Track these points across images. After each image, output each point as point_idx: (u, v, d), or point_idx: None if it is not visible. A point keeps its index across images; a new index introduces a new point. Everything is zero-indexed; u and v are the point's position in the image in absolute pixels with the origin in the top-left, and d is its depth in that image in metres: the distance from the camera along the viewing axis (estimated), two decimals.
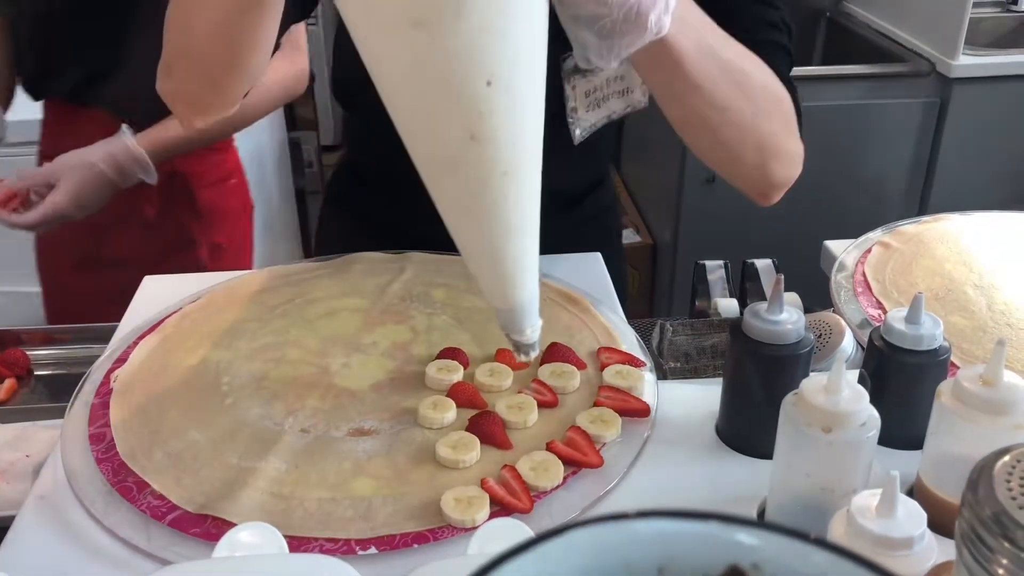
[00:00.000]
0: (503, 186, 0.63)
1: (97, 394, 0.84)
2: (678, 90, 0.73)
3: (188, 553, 0.66)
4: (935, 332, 0.72)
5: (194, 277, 1.04)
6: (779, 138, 0.82)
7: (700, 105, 0.74)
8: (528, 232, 0.67)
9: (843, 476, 0.62)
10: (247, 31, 0.78)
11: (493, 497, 0.69)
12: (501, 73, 0.59)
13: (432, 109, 0.61)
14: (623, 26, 0.64)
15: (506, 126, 0.61)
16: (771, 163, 0.82)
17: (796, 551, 0.27)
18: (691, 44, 0.70)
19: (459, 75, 0.58)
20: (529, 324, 0.71)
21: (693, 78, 0.72)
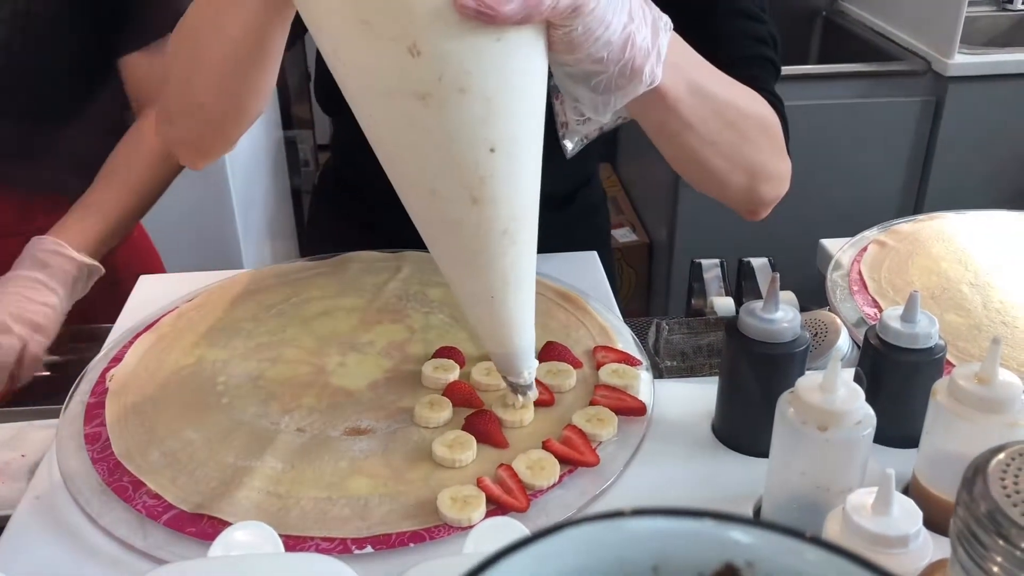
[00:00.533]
0: (502, 244, 0.65)
1: (93, 393, 0.83)
2: (670, 130, 0.75)
3: (184, 553, 0.66)
4: (931, 330, 0.72)
5: (190, 276, 1.04)
6: (768, 164, 0.84)
7: (691, 142, 0.76)
8: (525, 284, 0.69)
9: (839, 474, 0.62)
10: (250, 82, 0.79)
11: (489, 496, 0.69)
12: (503, 141, 0.61)
13: (433, 176, 0.62)
14: (618, 81, 0.65)
15: (507, 188, 0.63)
16: (759, 186, 0.84)
17: (790, 549, 0.27)
18: (683, 87, 0.72)
19: (461, 144, 0.60)
20: (526, 367, 0.74)
21: (685, 119, 0.73)
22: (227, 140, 0.88)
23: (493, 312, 0.69)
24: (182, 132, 0.87)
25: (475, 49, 0.57)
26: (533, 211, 0.66)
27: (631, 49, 0.64)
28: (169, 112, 0.86)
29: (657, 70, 0.67)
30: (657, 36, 0.66)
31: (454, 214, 0.63)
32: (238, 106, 0.82)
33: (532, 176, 0.65)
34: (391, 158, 0.64)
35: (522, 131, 0.62)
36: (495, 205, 0.62)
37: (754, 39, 0.90)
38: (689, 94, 0.72)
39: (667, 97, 0.71)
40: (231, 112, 0.83)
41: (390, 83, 0.58)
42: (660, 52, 0.66)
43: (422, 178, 0.63)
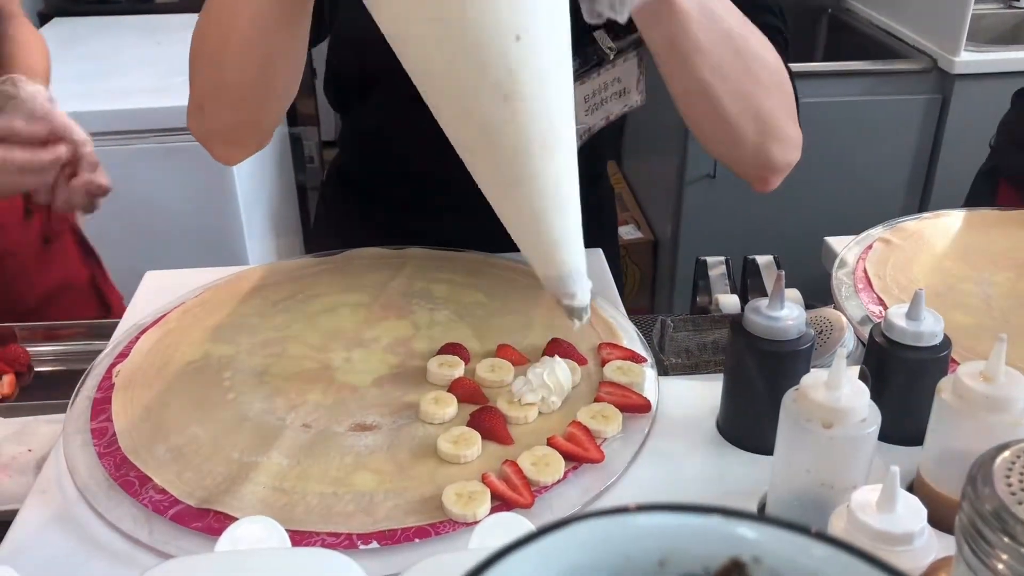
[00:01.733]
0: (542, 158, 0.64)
1: (99, 389, 0.84)
2: (680, 50, 0.75)
3: (190, 547, 0.66)
4: (936, 328, 0.72)
5: (195, 272, 1.04)
6: (778, 118, 0.83)
7: (702, 69, 0.76)
8: (571, 199, 0.68)
9: (843, 472, 0.62)
10: (277, 58, 0.80)
11: (494, 492, 0.70)
12: (530, 28, 0.60)
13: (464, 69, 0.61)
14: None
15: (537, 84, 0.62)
16: (771, 144, 0.83)
17: (796, 544, 0.27)
18: (696, 5, 0.72)
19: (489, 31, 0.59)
20: (580, 288, 0.71)
21: (695, 39, 0.73)
22: (259, 128, 0.88)
23: (540, 230, 0.67)
24: (214, 120, 0.86)
25: None
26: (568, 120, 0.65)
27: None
28: (200, 101, 0.86)
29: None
30: None
31: (487, 116, 0.62)
32: (268, 82, 0.82)
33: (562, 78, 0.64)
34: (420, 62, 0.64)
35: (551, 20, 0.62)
36: (527, 102, 0.61)
37: (758, 7, 0.89)
38: (701, 14, 0.73)
39: (677, 8, 0.71)
40: (262, 88, 0.82)
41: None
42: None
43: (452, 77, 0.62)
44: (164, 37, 2.15)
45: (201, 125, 0.87)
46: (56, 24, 2.32)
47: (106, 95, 1.81)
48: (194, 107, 0.87)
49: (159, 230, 1.85)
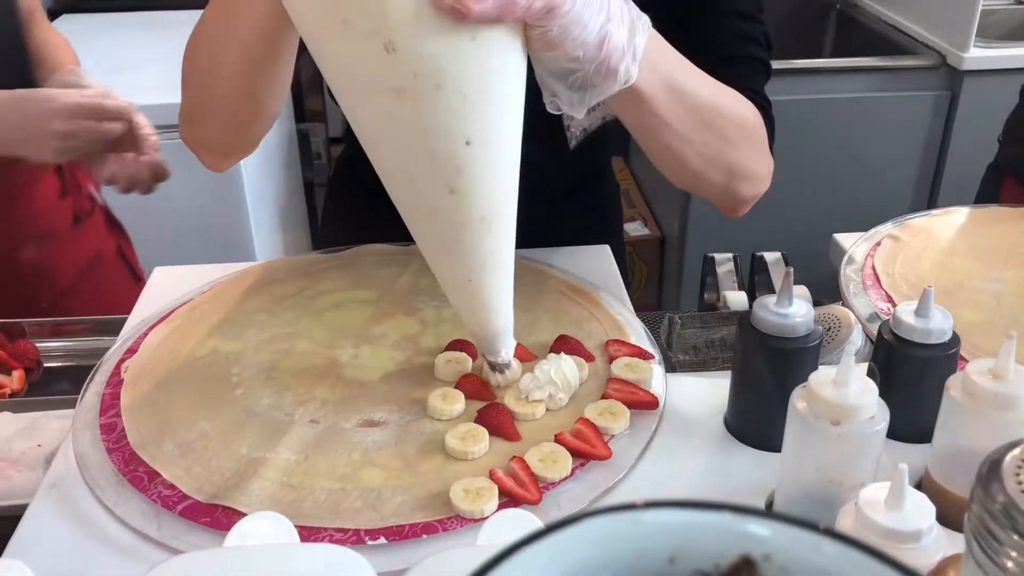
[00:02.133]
0: (479, 231, 0.68)
1: (108, 384, 0.84)
2: (647, 126, 0.77)
3: (198, 542, 0.67)
4: (944, 326, 0.72)
5: (203, 268, 1.04)
6: (746, 163, 0.85)
7: (668, 139, 0.78)
8: (503, 268, 0.72)
9: (851, 469, 0.62)
10: (265, 81, 0.82)
11: (502, 488, 0.70)
12: (479, 133, 0.63)
13: (412, 166, 0.65)
14: (594, 79, 0.67)
15: (483, 179, 0.65)
16: (737, 185, 0.85)
17: (807, 541, 0.27)
18: (659, 86, 0.73)
19: (438, 137, 0.63)
20: (504, 346, 0.78)
21: (661, 116, 0.75)
22: (247, 140, 0.91)
23: (472, 295, 0.73)
24: (204, 133, 0.89)
25: (450, 47, 0.60)
26: (510, 201, 0.69)
27: (607, 48, 0.65)
28: (190, 114, 0.88)
29: (632, 69, 0.68)
30: (634, 35, 0.68)
31: (433, 202, 0.66)
32: (255, 105, 0.84)
33: (509, 168, 0.67)
34: (373, 150, 0.67)
35: (498, 126, 0.64)
36: (471, 195, 0.65)
37: (745, 39, 0.90)
38: (666, 92, 0.74)
39: (643, 95, 0.72)
40: (249, 111, 0.85)
41: (368, 79, 0.61)
42: (636, 51, 0.68)
43: (402, 169, 0.66)
44: (172, 33, 2.15)
45: (190, 134, 0.90)
46: (65, 20, 2.33)
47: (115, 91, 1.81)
48: (184, 116, 0.89)
49: (167, 226, 1.85)
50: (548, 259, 1.03)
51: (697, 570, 0.28)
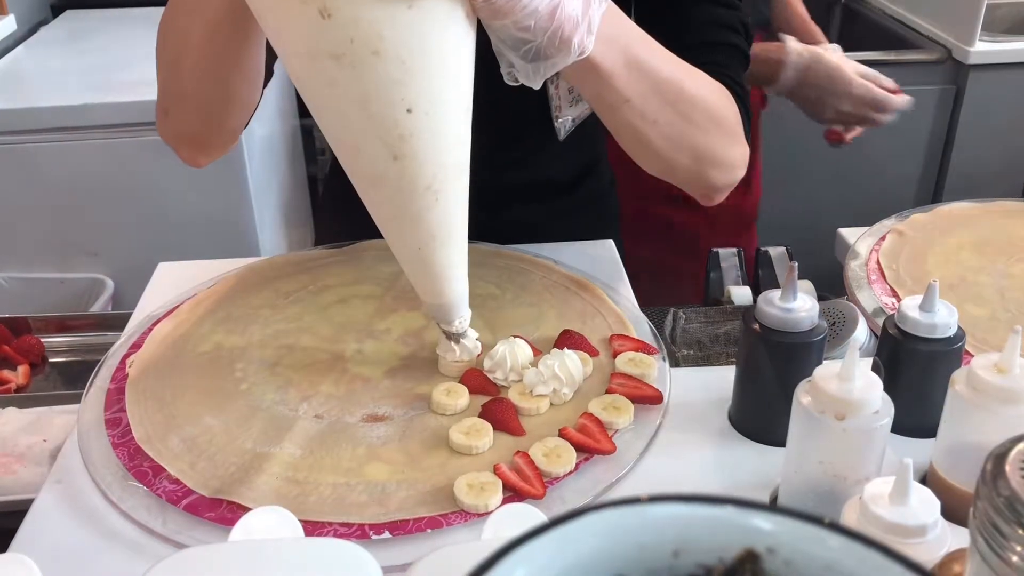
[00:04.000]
0: (426, 199, 0.68)
1: (113, 379, 0.84)
2: (607, 102, 0.75)
3: (203, 537, 0.67)
4: (949, 320, 0.72)
5: (208, 263, 1.04)
6: (715, 148, 0.82)
7: (630, 117, 0.76)
8: (454, 238, 0.72)
9: (856, 464, 0.62)
10: (235, 65, 0.80)
11: (506, 483, 0.70)
12: (421, 101, 0.63)
13: (355, 133, 0.65)
14: (547, 50, 0.66)
15: (428, 146, 0.65)
16: (707, 171, 0.83)
17: (811, 535, 0.27)
18: (618, 60, 0.71)
19: (378, 104, 0.62)
20: (458, 316, 0.78)
21: (621, 92, 0.73)
22: (224, 132, 0.88)
23: (423, 264, 0.73)
24: (179, 124, 0.87)
25: (385, 13, 0.59)
26: (458, 171, 0.69)
27: (559, 18, 0.64)
28: (164, 105, 0.86)
29: (587, 41, 0.67)
30: (589, 6, 0.66)
31: (377, 170, 0.66)
32: (227, 92, 0.82)
33: (455, 138, 0.67)
34: (318, 116, 0.67)
35: (441, 94, 0.64)
36: (416, 162, 0.65)
37: (721, 25, 0.88)
38: (626, 68, 0.72)
39: (600, 69, 0.71)
40: (221, 98, 0.83)
41: (306, 44, 0.61)
42: (592, 23, 0.67)
43: (346, 135, 0.66)
44: None
45: (167, 128, 0.88)
46: (69, 16, 2.33)
47: (119, 87, 1.82)
48: (160, 110, 0.87)
49: (171, 222, 1.85)
50: (552, 254, 1.03)
51: (701, 563, 0.28)
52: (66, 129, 1.77)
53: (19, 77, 1.97)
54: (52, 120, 1.76)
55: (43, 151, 1.79)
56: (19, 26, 2.15)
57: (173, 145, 0.90)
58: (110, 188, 1.81)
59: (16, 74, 1.98)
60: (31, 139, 1.78)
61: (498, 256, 1.03)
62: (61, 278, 1.90)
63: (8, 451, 0.85)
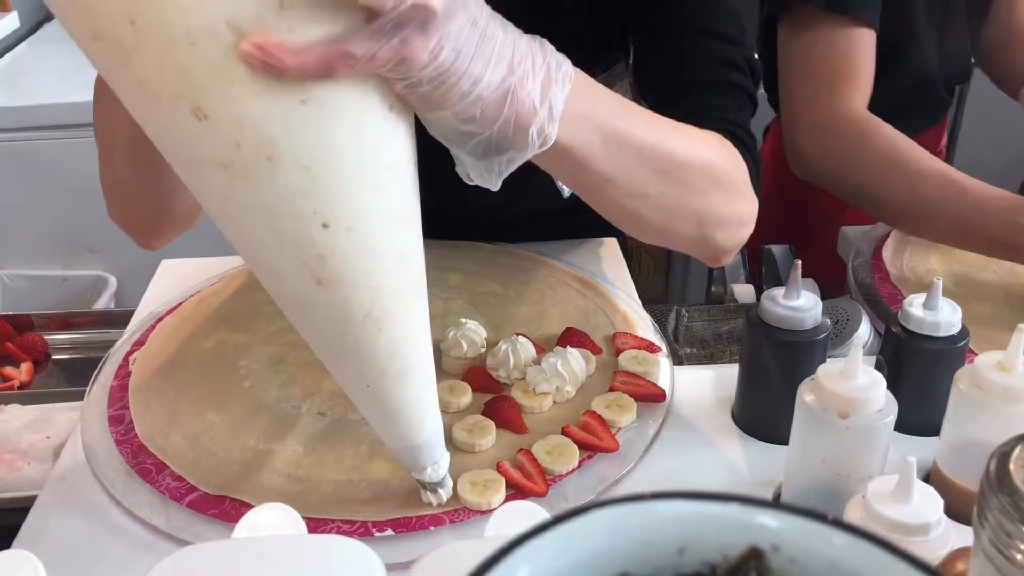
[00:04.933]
0: (366, 331, 0.56)
1: (116, 376, 0.84)
2: (588, 184, 0.65)
3: (206, 534, 0.67)
4: (953, 318, 0.72)
5: (211, 261, 1.04)
6: (718, 209, 0.72)
7: (617, 196, 0.66)
8: (411, 372, 0.60)
9: (859, 462, 0.62)
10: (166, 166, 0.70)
11: (509, 480, 0.70)
12: (339, 215, 0.51)
13: (268, 252, 0.53)
14: (499, 144, 0.56)
15: (357, 267, 0.53)
16: (712, 233, 0.73)
17: (816, 532, 0.27)
18: (594, 138, 0.61)
19: (285, 219, 0.51)
20: (430, 462, 0.65)
21: (602, 172, 0.63)
22: (171, 218, 0.80)
23: (374, 403, 0.61)
24: (123, 213, 0.80)
25: (274, 111, 0.48)
26: (406, 292, 0.57)
27: (511, 106, 0.54)
28: (106, 193, 0.80)
29: (549, 129, 0.57)
30: (549, 87, 0.56)
31: (301, 296, 0.55)
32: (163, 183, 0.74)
33: (394, 254, 0.55)
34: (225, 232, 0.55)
35: (366, 205, 0.52)
36: (345, 287, 0.53)
37: (721, 62, 0.79)
38: (605, 145, 0.62)
39: (574, 152, 0.60)
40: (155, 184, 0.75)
41: (188, 151, 0.50)
42: (552, 108, 0.56)
43: (257, 254, 0.54)
44: None
45: (115, 213, 0.81)
46: None
47: None
48: (106, 197, 0.80)
49: None
50: (555, 252, 1.03)
51: (705, 561, 0.28)
52: (69, 126, 1.77)
53: (22, 74, 1.97)
54: (55, 117, 1.76)
55: (46, 148, 1.79)
56: (22, 23, 2.15)
57: (124, 229, 0.83)
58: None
59: (19, 71, 1.98)
60: (34, 136, 1.78)
61: (501, 254, 1.03)
62: (64, 275, 1.90)
63: (11, 448, 0.85)
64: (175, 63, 0.46)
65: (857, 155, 0.98)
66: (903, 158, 0.96)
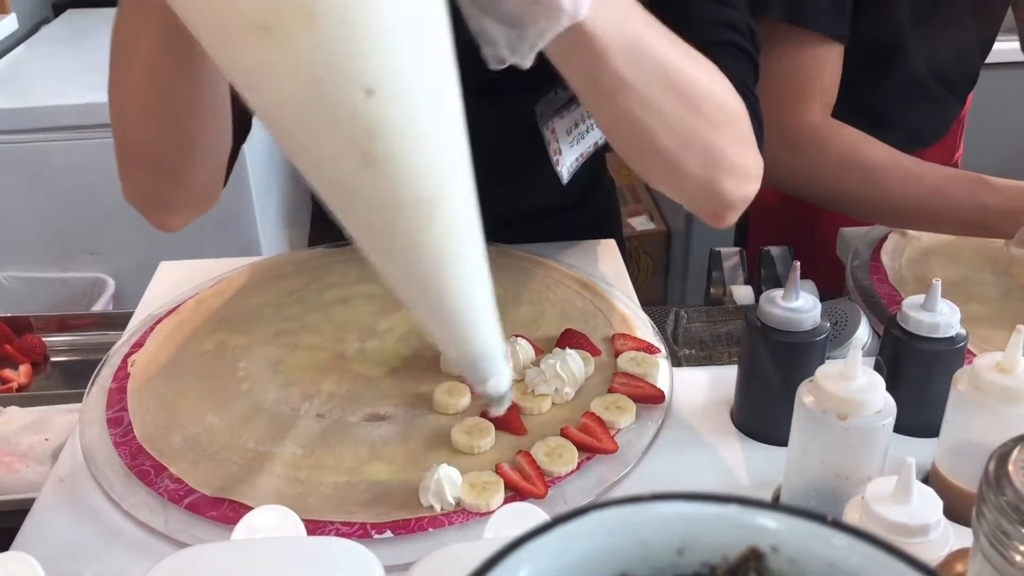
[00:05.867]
0: (419, 217, 0.53)
1: (114, 378, 0.84)
2: (603, 87, 0.63)
3: (205, 536, 0.67)
4: (952, 319, 0.72)
5: (210, 263, 1.04)
6: (730, 151, 0.70)
7: (629, 105, 0.63)
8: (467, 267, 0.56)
9: (858, 463, 0.62)
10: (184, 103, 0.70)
11: (508, 482, 0.70)
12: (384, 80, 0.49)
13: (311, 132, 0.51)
14: (533, 8, 0.54)
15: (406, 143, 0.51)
16: (721, 179, 0.70)
17: (815, 534, 0.27)
18: (616, 34, 0.60)
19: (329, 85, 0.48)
20: (492, 372, 0.60)
21: (619, 73, 0.61)
22: (191, 188, 0.78)
23: (431, 305, 0.57)
24: (139, 185, 0.78)
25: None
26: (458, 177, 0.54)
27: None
28: (121, 164, 0.77)
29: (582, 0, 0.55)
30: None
31: (349, 183, 0.52)
32: (181, 140, 0.73)
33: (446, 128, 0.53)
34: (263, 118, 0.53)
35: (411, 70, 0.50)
36: (394, 165, 0.50)
37: (724, 24, 0.79)
38: (625, 45, 0.60)
39: (595, 42, 0.59)
40: (176, 148, 0.74)
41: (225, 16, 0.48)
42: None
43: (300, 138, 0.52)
44: None
45: (128, 190, 0.79)
46: (70, 15, 2.33)
47: None
48: (121, 170, 0.78)
49: None
50: (554, 254, 1.03)
51: (705, 562, 0.28)
52: (67, 128, 1.77)
53: (20, 76, 1.97)
54: (53, 119, 1.76)
55: (44, 150, 1.79)
56: (20, 25, 2.15)
57: (139, 209, 0.80)
58: (112, 187, 1.80)
59: (17, 73, 1.98)
60: (32, 138, 1.78)
61: (500, 255, 1.03)
62: (63, 277, 1.90)
63: (10, 450, 0.85)
64: None
65: (817, 163, 1.02)
66: (860, 158, 1.00)
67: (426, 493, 0.68)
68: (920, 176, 0.98)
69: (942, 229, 1.01)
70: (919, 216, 0.99)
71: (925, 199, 0.97)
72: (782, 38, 0.99)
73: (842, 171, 1.01)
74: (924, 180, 0.97)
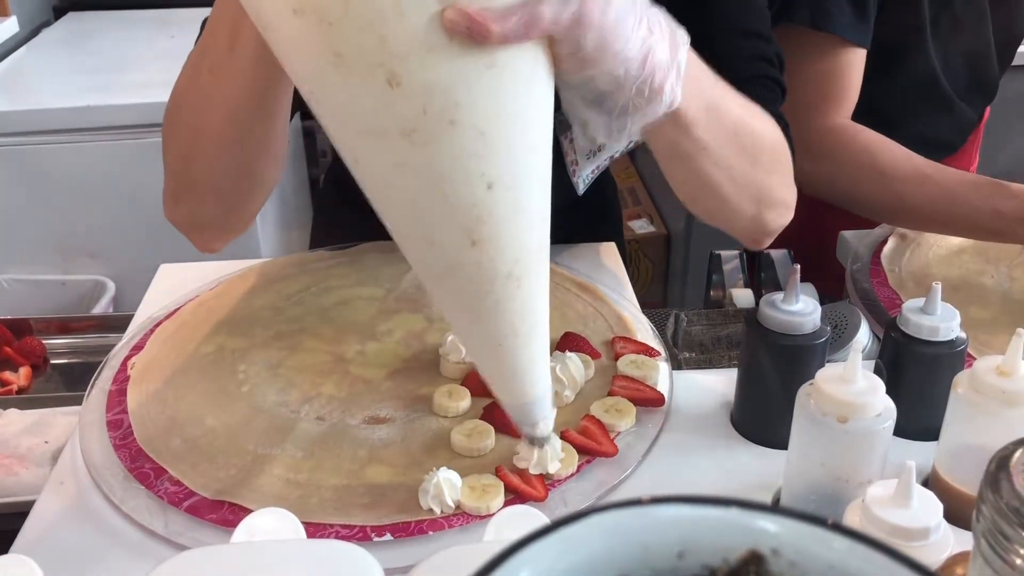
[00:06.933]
0: (507, 288, 0.59)
1: (114, 381, 0.84)
2: (683, 152, 0.68)
3: (204, 539, 0.67)
4: (952, 323, 0.72)
5: (210, 265, 1.04)
6: (776, 189, 0.77)
7: (704, 165, 0.69)
8: (537, 330, 0.63)
9: (858, 466, 0.62)
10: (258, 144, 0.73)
11: (508, 485, 0.70)
12: (503, 175, 0.54)
13: (427, 218, 0.56)
14: (636, 101, 0.59)
15: (508, 227, 0.57)
16: (766, 213, 0.77)
17: (816, 537, 0.27)
18: (700, 106, 0.65)
19: (455, 182, 0.54)
20: (542, 417, 0.68)
21: (700, 140, 0.66)
22: (243, 216, 0.81)
23: (503, 361, 0.64)
24: (193, 212, 0.80)
25: (463, 76, 0.51)
26: (542, 252, 0.60)
27: (650, 65, 0.57)
28: (175, 191, 0.79)
29: (677, 89, 0.60)
30: (676, 50, 0.59)
31: (452, 259, 0.58)
32: (249, 175, 0.76)
33: (538, 213, 0.59)
34: (381, 202, 0.58)
35: (523, 165, 0.56)
36: (495, 246, 0.57)
37: (757, 58, 0.84)
38: (706, 114, 0.65)
39: (684, 117, 0.63)
40: (244, 184, 0.77)
41: (371, 121, 0.52)
42: (680, 68, 0.59)
43: (416, 223, 0.58)
44: (178, 31, 2.15)
45: (177, 216, 0.81)
46: (71, 18, 2.33)
47: (120, 89, 1.82)
48: (168, 194, 0.79)
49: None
50: (554, 256, 1.03)
51: (706, 564, 0.28)
52: (68, 131, 1.77)
53: (21, 79, 1.97)
54: (54, 122, 1.76)
55: (45, 153, 1.79)
56: (21, 28, 2.15)
57: (185, 232, 0.83)
58: (112, 190, 1.81)
59: (18, 76, 1.98)
60: (33, 141, 1.78)
61: None
62: (63, 280, 1.90)
63: (10, 452, 0.85)
64: (378, 33, 0.48)
65: (836, 165, 1.03)
66: (877, 160, 1.01)
67: (426, 496, 0.68)
68: (935, 180, 0.98)
69: (957, 234, 1.01)
70: (934, 220, 0.99)
71: (940, 203, 0.97)
72: (806, 43, 1.01)
73: (858, 172, 1.01)
74: (939, 184, 0.98)
